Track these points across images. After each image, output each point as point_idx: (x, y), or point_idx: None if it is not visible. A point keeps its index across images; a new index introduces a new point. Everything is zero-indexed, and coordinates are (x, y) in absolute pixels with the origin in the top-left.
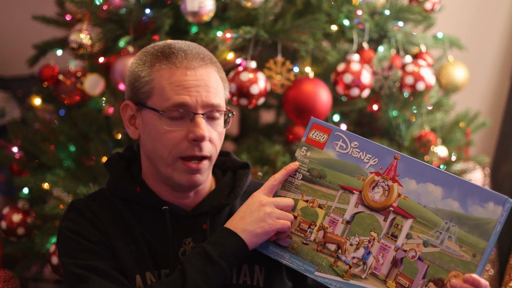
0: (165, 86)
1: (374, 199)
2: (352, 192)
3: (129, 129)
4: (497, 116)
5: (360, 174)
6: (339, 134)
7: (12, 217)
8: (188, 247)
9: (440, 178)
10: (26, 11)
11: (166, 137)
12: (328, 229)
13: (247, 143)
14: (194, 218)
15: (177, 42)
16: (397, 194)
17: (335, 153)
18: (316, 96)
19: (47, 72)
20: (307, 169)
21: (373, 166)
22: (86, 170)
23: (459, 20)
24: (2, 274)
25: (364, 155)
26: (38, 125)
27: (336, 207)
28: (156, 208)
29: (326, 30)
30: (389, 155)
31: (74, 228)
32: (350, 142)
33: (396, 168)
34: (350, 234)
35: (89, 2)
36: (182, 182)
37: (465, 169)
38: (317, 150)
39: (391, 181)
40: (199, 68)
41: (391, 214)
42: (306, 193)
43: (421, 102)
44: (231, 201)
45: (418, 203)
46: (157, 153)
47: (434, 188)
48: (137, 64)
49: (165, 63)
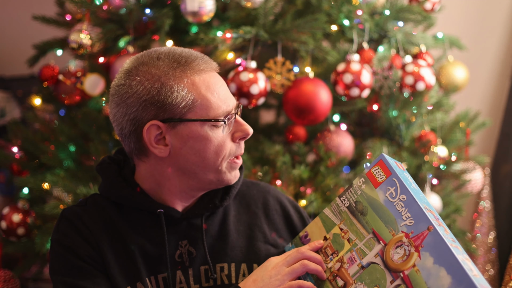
0: (208, 95)
1: (393, 257)
2: (379, 242)
3: (156, 149)
4: (497, 116)
5: (393, 228)
6: (395, 181)
7: (12, 217)
8: (184, 249)
9: (455, 268)
10: (26, 11)
11: (220, 143)
12: (345, 264)
13: (247, 143)
14: (189, 220)
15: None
16: (413, 264)
17: (384, 198)
18: (316, 96)
19: (47, 72)
20: (355, 200)
21: (407, 227)
22: (86, 170)
23: (459, 20)
24: (2, 274)
25: (405, 211)
26: (38, 125)
27: (360, 248)
28: (151, 211)
29: (326, 30)
30: (425, 223)
31: (64, 241)
32: (401, 193)
33: (424, 238)
34: (359, 279)
35: (89, 2)
36: (231, 179)
37: (465, 169)
38: (371, 186)
39: (414, 249)
40: (217, 68)
41: (399, 280)
42: (344, 222)
43: (421, 102)
44: (226, 203)
45: (425, 282)
46: (205, 163)
47: (445, 276)
48: (150, 81)
49: (192, 73)
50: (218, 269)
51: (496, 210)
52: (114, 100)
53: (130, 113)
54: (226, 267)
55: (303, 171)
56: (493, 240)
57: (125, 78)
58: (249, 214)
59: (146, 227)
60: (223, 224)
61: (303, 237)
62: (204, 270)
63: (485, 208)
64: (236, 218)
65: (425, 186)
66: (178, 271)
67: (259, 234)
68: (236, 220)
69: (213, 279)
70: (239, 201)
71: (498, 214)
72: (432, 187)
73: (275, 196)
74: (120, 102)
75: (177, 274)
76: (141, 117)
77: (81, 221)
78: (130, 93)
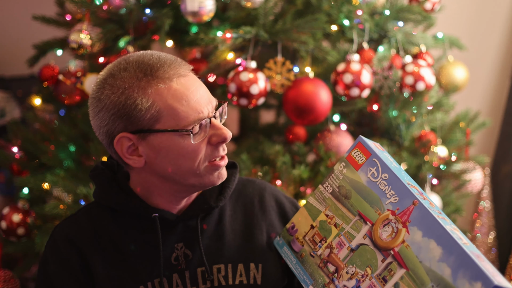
0: (174, 105)
1: (381, 236)
2: (366, 223)
3: (130, 160)
4: (497, 116)
5: (378, 207)
6: (375, 161)
7: (12, 217)
8: (180, 252)
9: (444, 239)
10: (26, 11)
11: (193, 150)
12: (335, 249)
13: (247, 143)
14: (184, 222)
15: (145, 56)
16: (402, 240)
17: (366, 179)
18: (316, 96)
19: (47, 72)
20: (338, 185)
21: (392, 204)
22: (86, 170)
23: (459, 20)
24: (2, 274)
25: (389, 189)
26: (38, 125)
27: (348, 232)
28: (146, 216)
29: (326, 30)
30: (409, 198)
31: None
32: (382, 172)
33: (411, 214)
34: (350, 262)
35: (89, 2)
36: (215, 181)
37: (465, 169)
38: (352, 169)
39: (401, 225)
40: (188, 73)
41: (389, 258)
42: (329, 208)
43: (421, 102)
44: (221, 203)
45: (416, 256)
46: (182, 169)
47: (435, 247)
48: (116, 94)
49: (157, 82)
50: (215, 270)
51: (496, 210)
52: (90, 113)
53: (103, 126)
54: (223, 268)
55: (303, 171)
56: (493, 240)
57: (96, 91)
58: (245, 213)
59: (141, 232)
60: (219, 225)
61: (290, 228)
62: (201, 272)
63: (485, 208)
64: (232, 217)
65: (425, 186)
66: (174, 274)
67: (255, 232)
68: (232, 220)
69: (210, 280)
70: (235, 200)
71: (498, 214)
72: (432, 187)
73: (272, 193)
74: (93, 115)
75: (174, 277)
76: (113, 130)
77: (69, 243)
78: (100, 107)
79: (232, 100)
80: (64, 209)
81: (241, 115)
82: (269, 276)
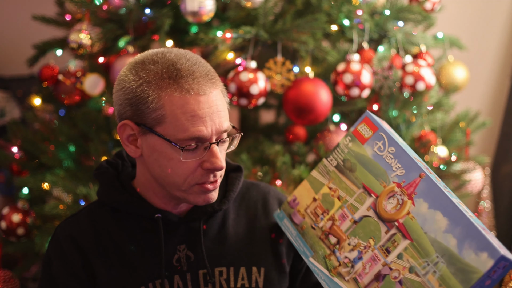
0: (179, 116)
1: (386, 208)
2: (370, 195)
3: (128, 147)
4: (497, 116)
5: (383, 180)
6: (382, 135)
7: (12, 217)
8: (182, 253)
9: (450, 210)
10: (26, 11)
11: (181, 167)
12: (337, 221)
13: (247, 143)
14: (187, 224)
15: (181, 58)
16: (407, 211)
17: (372, 152)
18: (316, 96)
19: (47, 72)
20: (343, 159)
21: (398, 177)
22: (86, 170)
23: (459, 20)
24: (2, 274)
25: (395, 163)
26: (38, 125)
27: (351, 204)
28: (148, 216)
29: (326, 30)
30: (416, 171)
31: (49, 266)
32: (389, 146)
33: (417, 186)
34: (352, 234)
35: (89, 2)
36: (199, 202)
37: (465, 169)
38: (358, 143)
39: (407, 197)
40: (210, 92)
41: (394, 229)
42: (333, 181)
43: (421, 102)
44: (224, 206)
45: (421, 227)
46: (167, 179)
47: (441, 219)
48: (136, 82)
49: (175, 89)
50: (217, 273)
51: (496, 210)
52: (114, 86)
53: (117, 105)
54: (225, 271)
55: (303, 171)
56: None
57: (124, 70)
58: (248, 216)
59: (143, 233)
60: (222, 228)
61: (292, 201)
62: (203, 274)
63: (485, 208)
64: (236, 221)
65: None
66: (175, 275)
67: (258, 236)
68: (235, 223)
69: (211, 283)
70: (238, 203)
71: (498, 214)
72: None
73: (276, 197)
74: (115, 91)
75: (175, 279)
76: (122, 113)
77: (72, 243)
78: (120, 87)
79: (232, 100)
80: (64, 209)
81: (241, 115)
82: (271, 280)
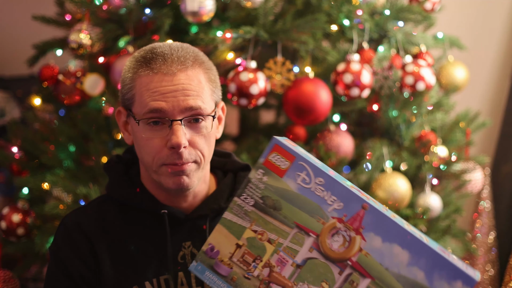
0: (144, 92)
1: (332, 247)
2: (309, 234)
3: (124, 135)
4: (497, 116)
5: (320, 216)
6: (303, 165)
7: (12, 217)
8: (187, 250)
9: (409, 242)
10: (26, 11)
11: (147, 144)
12: (275, 268)
13: (247, 143)
14: (193, 221)
15: (162, 45)
16: (359, 248)
17: (296, 186)
18: (316, 96)
19: (47, 72)
20: (261, 196)
21: (337, 211)
22: (86, 170)
23: (459, 20)
24: (2, 274)
25: (328, 195)
26: (38, 125)
27: (288, 246)
28: (155, 212)
29: (326, 30)
30: (357, 202)
31: (58, 254)
32: (315, 177)
33: (362, 219)
34: (299, 279)
35: (89, 2)
36: (169, 185)
37: (465, 169)
38: (275, 177)
39: (354, 233)
40: (177, 72)
41: (348, 269)
42: (256, 223)
43: (421, 102)
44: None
45: (380, 263)
46: (143, 160)
47: (401, 252)
48: (124, 70)
49: (145, 69)
50: None
51: (496, 210)
52: None
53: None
54: None
55: None
56: (493, 240)
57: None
58: None
59: (149, 228)
60: None
61: (208, 250)
62: None
63: (485, 208)
64: None
65: (425, 186)
66: (180, 272)
67: None
68: None
69: None
70: None
71: (498, 214)
72: (432, 187)
73: None
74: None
75: (179, 275)
76: (120, 98)
77: (79, 231)
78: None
79: (232, 100)
80: (64, 209)
81: (241, 115)
82: None
